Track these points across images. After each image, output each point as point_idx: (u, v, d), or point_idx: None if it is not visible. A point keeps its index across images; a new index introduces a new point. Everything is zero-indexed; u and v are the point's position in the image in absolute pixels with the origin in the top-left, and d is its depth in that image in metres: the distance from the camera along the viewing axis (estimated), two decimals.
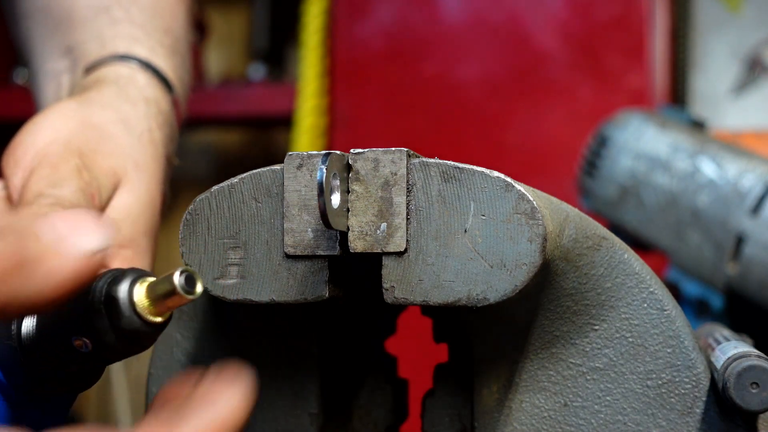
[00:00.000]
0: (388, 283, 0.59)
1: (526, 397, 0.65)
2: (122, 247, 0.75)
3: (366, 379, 0.74)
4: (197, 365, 0.69)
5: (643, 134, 1.37)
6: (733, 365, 0.59)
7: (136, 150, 0.80)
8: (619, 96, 2.13)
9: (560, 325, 0.64)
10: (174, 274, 0.49)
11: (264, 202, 0.61)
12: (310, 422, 0.68)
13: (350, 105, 2.32)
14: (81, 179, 0.72)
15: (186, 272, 0.50)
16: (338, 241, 0.59)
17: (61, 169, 0.72)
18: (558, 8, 2.21)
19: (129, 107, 0.82)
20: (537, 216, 0.57)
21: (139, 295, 0.52)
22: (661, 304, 0.64)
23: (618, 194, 1.37)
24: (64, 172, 0.72)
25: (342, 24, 2.33)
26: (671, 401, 0.63)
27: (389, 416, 0.74)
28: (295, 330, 0.67)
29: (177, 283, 0.49)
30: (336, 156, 0.57)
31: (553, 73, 2.20)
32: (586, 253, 0.63)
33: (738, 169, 1.28)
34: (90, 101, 0.81)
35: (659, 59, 2.18)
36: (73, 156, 0.74)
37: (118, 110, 0.81)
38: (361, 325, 0.74)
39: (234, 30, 2.98)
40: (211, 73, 2.90)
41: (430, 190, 0.59)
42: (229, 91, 2.65)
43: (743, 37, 2.36)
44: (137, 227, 0.77)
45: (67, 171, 0.72)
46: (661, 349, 0.63)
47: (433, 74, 2.27)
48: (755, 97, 2.37)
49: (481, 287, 0.58)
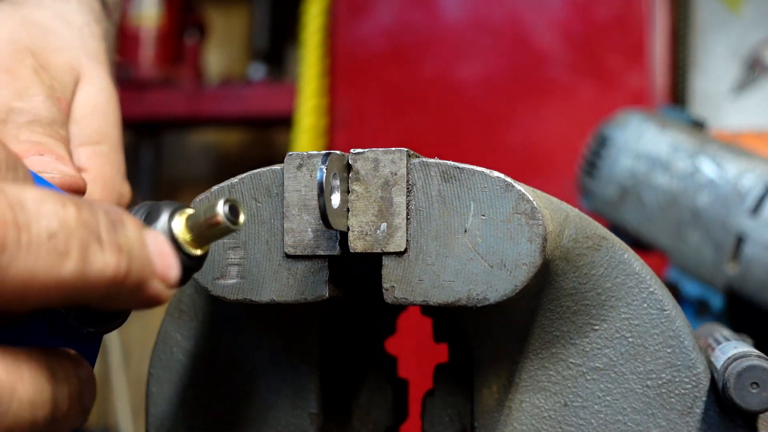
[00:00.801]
0: (388, 283, 0.59)
1: (526, 397, 0.65)
2: (98, 143, 0.73)
3: (366, 379, 0.74)
4: (197, 365, 0.69)
5: (643, 134, 1.37)
6: (733, 365, 0.59)
7: (82, 42, 0.78)
8: (619, 96, 2.13)
9: (560, 325, 0.64)
10: (218, 204, 0.48)
11: (264, 202, 0.61)
12: (310, 422, 0.68)
13: (350, 105, 2.32)
14: (43, 84, 0.70)
15: (230, 201, 0.49)
16: (338, 241, 0.59)
17: (19, 73, 0.70)
18: (558, 8, 2.21)
19: (61, 4, 0.80)
20: (537, 216, 0.57)
21: (179, 228, 0.50)
22: (661, 304, 0.64)
23: (618, 194, 1.37)
24: (25, 78, 0.70)
25: (342, 24, 2.33)
26: (671, 401, 0.63)
27: (389, 416, 0.74)
28: (295, 330, 0.67)
29: (221, 212, 0.48)
30: (336, 156, 0.57)
31: (553, 73, 2.20)
32: (586, 253, 0.63)
33: (738, 169, 1.28)
34: (21, 1, 0.79)
35: (659, 59, 2.18)
36: (25, 56, 0.72)
37: (52, 7, 0.79)
38: (361, 325, 0.74)
39: (234, 30, 2.98)
40: (211, 73, 2.90)
41: (430, 190, 0.59)
42: (229, 91, 2.65)
43: (743, 37, 2.36)
44: (108, 119, 0.75)
45: (26, 75, 0.70)
46: (661, 349, 0.63)
47: (433, 74, 2.27)
48: (755, 97, 2.37)
49: (481, 287, 0.58)
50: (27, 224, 0.38)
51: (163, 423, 0.69)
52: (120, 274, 0.41)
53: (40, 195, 0.39)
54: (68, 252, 0.39)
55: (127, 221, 0.42)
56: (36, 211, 0.39)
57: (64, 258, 0.39)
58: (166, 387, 0.69)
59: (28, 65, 0.71)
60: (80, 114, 0.74)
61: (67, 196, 0.41)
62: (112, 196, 0.73)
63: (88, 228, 0.40)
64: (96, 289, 0.40)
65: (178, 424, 0.69)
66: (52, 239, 0.39)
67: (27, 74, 0.71)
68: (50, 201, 0.39)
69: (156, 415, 0.69)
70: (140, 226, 0.43)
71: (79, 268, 0.39)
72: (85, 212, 0.40)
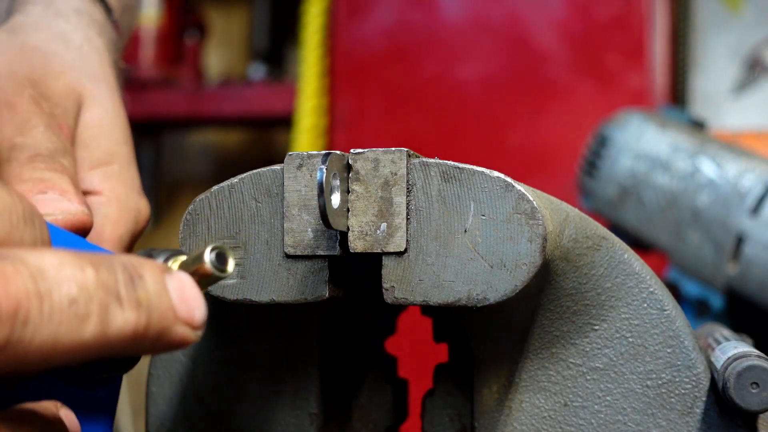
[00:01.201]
0: (388, 283, 0.59)
1: (526, 397, 0.65)
2: (108, 163, 0.73)
3: (366, 379, 0.74)
4: (197, 365, 0.69)
5: (643, 134, 1.37)
6: (733, 365, 0.59)
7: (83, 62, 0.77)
8: (619, 96, 2.13)
9: (560, 325, 0.64)
10: (204, 252, 0.48)
11: (264, 202, 0.61)
12: (310, 422, 0.68)
13: (350, 105, 2.32)
14: (43, 113, 0.70)
15: (217, 249, 0.48)
16: (338, 241, 0.59)
17: (19, 106, 0.70)
18: (558, 8, 2.21)
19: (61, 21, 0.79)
20: (537, 216, 0.57)
21: None
22: (661, 304, 0.64)
23: (618, 194, 1.37)
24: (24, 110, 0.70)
25: (342, 24, 2.33)
26: (671, 401, 0.63)
27: (389, 416, 0.74)
28: (295, 330, 0.67)
29: (207, 260, 0.48)
30: (336, 156, 0.57)
31: (553, 73, 2.20)
32: (586, 253, 0.63)
33: (738, 169, 1.28)
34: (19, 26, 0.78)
35: (659, 59, 2.18)
36: (24, 87, 0.72)
37: (50, 27, 0.78)
38: (361, 325, 0.74)
39: (234, 30, 2.98)
40: (211, 73, 2.90)
41: (430, 190, 0.59)
42: (229, 91, 2.65)
43: (743, 37, 2.36)
44: (115, 138, 0.75)
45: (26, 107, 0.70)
46: (661, 349, 0.63)
47: (433, 74, 2.27)
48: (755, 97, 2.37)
49: (481, 287, 0.58)
50: (48, 293, 0.39)
51: (163, 423, 0.69)
52: (140, 329, 0.41)
53: (59, 260, 0.40)
54: (89, 315, 0.40)
55: (146, 273, 0.42)
56: (56, 278, 0.39)
57: (85, 321, 0.39)
58: (166, 387, 0.69)
59: (27, 96, 0.71)
60: (87, 137, 0.74)
61: (86, 255, 0.41)
62: (129, 214, 0.73)
63: (107, 288, 0.40)
64: (117, 345, 0.41)
65: (178, 424, 0.69)
66: (73, 305, 0.39)
67: (27, 106, 0.71)
68: (69, 265, 0.40)
69: (156, 415, 0.69)
70: (161, 273, 0.43)
71: (99, 329, 0.40)
72: (104, 272, 0.41)
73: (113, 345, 0.41)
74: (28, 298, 0.38)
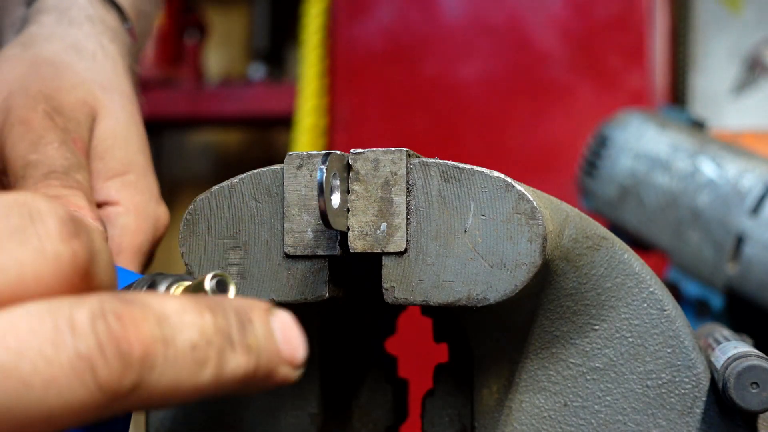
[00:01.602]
0: (388, 283, 0.59)
1: (526, 397, 0.65)
2: (124, 173, 0.74)
3: (366, 379, 0.74)
4: None
5: (643, 134, 1.37)
6: (733, 365, 0.59)
7: (96, 72, 0.78)
8: (619, 96, 2.13)
9: (560, 325, 0.64)
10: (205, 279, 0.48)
11: (264, 202, 0.61)
12: (310, 422, 0.68)
13: (350, 105, 2.32)
14: (57, 128, 0.70)
15: (217, 276, 0.49)
16: (338, 241, 0.59)
17: (33, 122, 0.70)
18: (558, 8, 2.21)
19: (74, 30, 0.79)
20: (537, 216, 0.57)
21: None
22: (661, 304, 0.64)
23: (618, 194, 1.37)
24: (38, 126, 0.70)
25: (342, 24, 2.33)
26: (671, 401, 0.63)
27: (389, 416, 0.74)
28: None
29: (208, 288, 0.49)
30: (336, 156, 0.57)
31: (553, 73, 2.20)
32: (586, 253, 0.63)
33: (738, 169, 1.28)
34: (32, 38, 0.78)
35: (659, 59, 2.18)
36: (38, 101, 0.72)
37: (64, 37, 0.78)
38: (361, 325, 0.74)
39: (234, 30, 2.98)
40: (211, 73, 2.90)
41: (430, 190, 0.59)
42: (229, 91, 2.65)
43: (743, 37, 2.36)
44: (130, 148, 0.75)
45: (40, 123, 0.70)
46: (661, 349, 0.63)
47: (433, 74, 2.27)
48: (755, 97, 2.37)
49: (481, 287, 0.58)
50: (173, 338, 0.39)
51: (163, 423, 0.69)
52: (250, 373, 0.42)
53: (181, 305, 0.40)
54: (207, 360, 0.40)
55: (255, 317, 0.43)
56: (179, 323, 0.40)
57: (204, 366, 0.40)
58: None
59: (41, 111, 0.71)
60: (102, 148, 0.74)
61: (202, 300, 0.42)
62: (147, 222, 0.73)
63: (222, 334, 0.41)
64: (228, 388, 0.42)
65: (178, 424, 0.69)
66: (194, 350, 0.40)
67: (40, 122, 0.71)
68: (190, 311, 0.40)
69: (156, 415, 0.69)
70: (267, 316, 0.43)
71: (216, 373, 0.41)
72: (220, 318, 0.41)
73: (225, 388, 0.42)
74: (155, 343, 0.39)
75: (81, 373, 0.37)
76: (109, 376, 0.37)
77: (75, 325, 0.37)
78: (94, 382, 0.37)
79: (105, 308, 0.38)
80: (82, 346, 0.37)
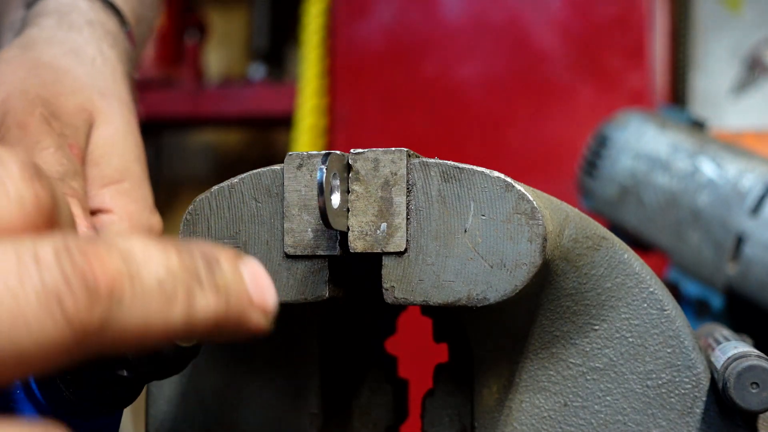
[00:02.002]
0: (388, 283, 0.59)
1: (526, 397, 0.65)
2: (119, 181, 0.74)
3: (366, 379, 0.74)
4: (197, 365, 0.69)
5: (643, 134, 1.37)
6: (733, 365, 0.59)
7: (95, 77, 0.78)
8: (619, 96, 2.13)
9: (560, 325, 0.64)
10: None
11: (264, 202, 0.61)
12: (310, 422, 0.68)
13: (350, 105, 2.32)
14: (53, 133, 0.70)
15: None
16: (338, 241, 0.59)
17: (30, 126, 0.70)
18: (558, 8, 2.21)
19: (74, 35, 0.79)
20: (537, 216, 0.57)
21: None
22: (661, 304, 0.64)
23: (618, 194, 1.37)
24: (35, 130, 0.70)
25: (342, 24, 2.33)
26: (671, 401, 0.63)
27: (389, 416, 0.74)
28: (294, 330, 0.67)
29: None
30: (336, 156, 0.57)
31: (553, 73, 2.20)
32: (586, 253, 0.63)
33: (738, 169, 1.28)
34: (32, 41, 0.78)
35: (659, 59, 2.18)
36: (36, 105, 0.72)
37: (63, 41, 0.78)
38: (361, 325, 0.74)
39: (234, 30, 2.98)
40: (211, 73, 2.90)
41: (430, 190, 0.59)
42: (229, 91, 2.65)
43: (743, 37, 2.36)
44: (126, 155, 0.75)
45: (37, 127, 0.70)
46: (661, 349, 0.63)
47: (433, 74, 2.27)
48: (755, 97, 2.37)
49: (481, 287, 0.58)
50: (138, 273, 0.39)
51: (163, 423, 0.69)
52: (221, 313, 0.42)
53: (145, 244, 0.40)
54: (176, 296, 0.40)
55: (222, 258, 0.43)
56: (144, 259, 0.40)
57: (173, 303, 0.40)
58: (166, 387, 0.69)
59: (38, 115, 0.71)
60: (98, 155, 0.74)
61: (167, 241, 0.42)
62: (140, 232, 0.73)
63: (189, 272, 0.41)
64: (201, 329, 0.42)
65: (178, 424, 0.69)
66: (161, 286, 0.40)
67: (38, 126, 0.71)
68: (154, 249, 0.40)
69: (156, 415, 0.69)
70: (236, 259, 0.44)
71: (185, 311, 0.41)
72: (186, 256, 0.41)
73: (198, 329, 0.42)
74: (121, 277, 0.39)
75: (48, 305, 0.36)
76: (76, 310, 0.37)
77: (39, 258, 0.37)
78: (62, 316, 0.36)
79: (69, 244, 0.37)
80: (48, 278, 0.36)
